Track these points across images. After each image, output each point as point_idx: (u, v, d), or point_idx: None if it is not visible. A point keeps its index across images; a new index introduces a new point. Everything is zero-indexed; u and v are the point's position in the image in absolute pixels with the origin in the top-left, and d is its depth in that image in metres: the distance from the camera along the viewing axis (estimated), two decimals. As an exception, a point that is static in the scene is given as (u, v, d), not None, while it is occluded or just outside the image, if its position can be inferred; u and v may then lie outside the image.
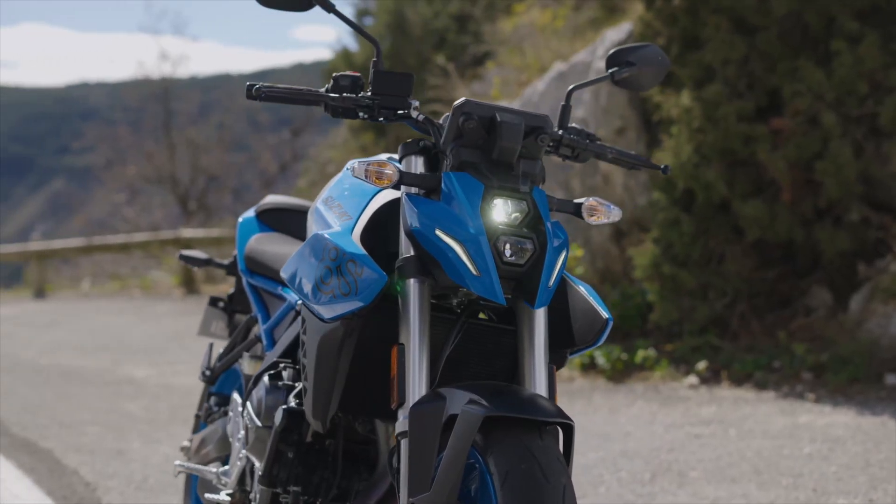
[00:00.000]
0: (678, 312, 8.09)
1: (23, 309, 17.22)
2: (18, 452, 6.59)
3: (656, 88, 8.38)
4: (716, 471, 5.49)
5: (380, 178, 2.75)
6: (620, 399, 7.42)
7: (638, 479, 5.44)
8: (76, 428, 7.33)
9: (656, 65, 3.27)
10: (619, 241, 8.91)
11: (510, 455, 2.48)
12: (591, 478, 5.51)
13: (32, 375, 9.95)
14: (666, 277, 8.07)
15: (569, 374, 8.24)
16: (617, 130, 8.84)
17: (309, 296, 2.84)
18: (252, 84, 2.90)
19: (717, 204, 7.96)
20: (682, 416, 6.78)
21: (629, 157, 3.17)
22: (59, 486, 5.75)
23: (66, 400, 8.49)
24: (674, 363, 7.93)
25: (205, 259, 4.47)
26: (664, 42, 8.34)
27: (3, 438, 7.05)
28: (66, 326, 14.36)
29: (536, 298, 2.66)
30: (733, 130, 7.69)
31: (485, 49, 12.13)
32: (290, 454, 3.14)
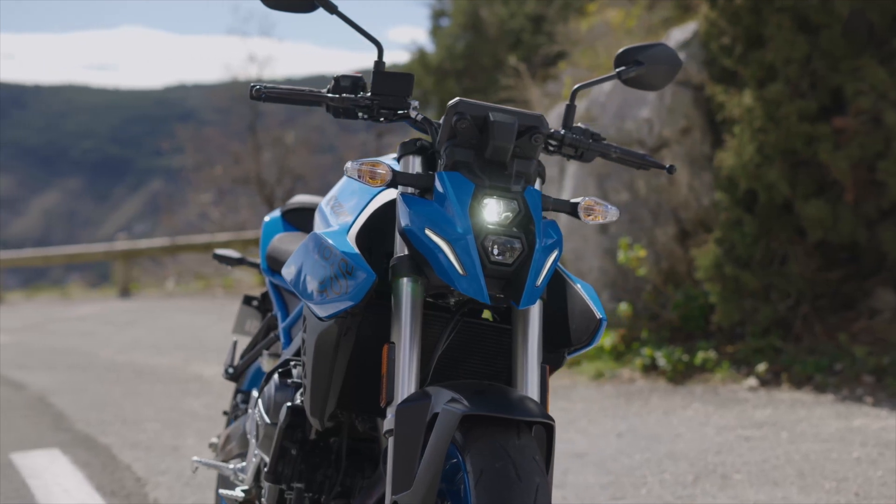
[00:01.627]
0: (740, 314, 8.01)
1: (107, 308, 17.54)
2: (77, 448, 6.73)
3: (720, 87, 8.31)
4: (760, 474, 5.43)
5: (373, 177, 2.77)
6: (678, 401, 7.37)
7: (680, 481, 5.41)
8: (137, 424, 7.45)
9: (667, 64, 3.24)
10: (683, 241, 8.84)
11: (485, 454, 2.48)
12: (633, 479, 5.49)
13: (106, 373, 10.13)
14: (728, 278, 8.00)
15: (630, 375, 8.21)
16: (682, 130, 8.77)
17: (306, 294, 2.87)
18: (254, 84, 2.93)
19: (779, 204, 7.87)
20: (736, 418, 6.71)
21: (634, 157, 3.15)
22: (109, 482, 5.85)
23: (132, 397, 8.63)
24: (735, 365, 7.85)
25: (238, 258, 4.53)
26: (729, 41, 8.26)
27: (65, 434, 7.20)
28: (146, 325, 14.60)
29: (521, 298, 2.66)
30: (795, 130, 7.60)
31: (558, 49, 12.10)
32: (294, 451, 3.18)
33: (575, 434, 6.60)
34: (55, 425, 7.50)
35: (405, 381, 2.71)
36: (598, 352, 8.66)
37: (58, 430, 7.31)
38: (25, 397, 8.77)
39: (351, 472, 3.19)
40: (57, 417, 7.80)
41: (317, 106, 2.98)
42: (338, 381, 2.91)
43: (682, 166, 8.75)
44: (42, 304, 19.61)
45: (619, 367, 8.39)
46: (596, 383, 8.21)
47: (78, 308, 17.89)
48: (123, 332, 13.67)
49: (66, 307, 18.29)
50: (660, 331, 8.53)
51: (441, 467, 2.50)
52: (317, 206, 4.11)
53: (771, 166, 7.72)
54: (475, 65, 13.82)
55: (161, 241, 21.06)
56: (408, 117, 2.94)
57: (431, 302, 2.89)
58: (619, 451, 6.07)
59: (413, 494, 2.52)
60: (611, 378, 8.25)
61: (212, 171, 26.61)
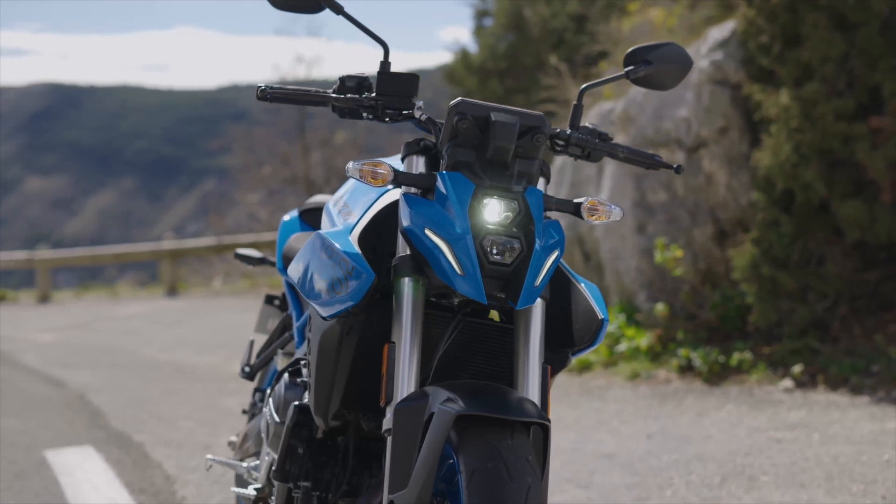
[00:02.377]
0: (777, 314, 7.95)
1: (154, 306, 17.69)
2: (111, 445, 6.79)
3: (757, 86, 8.26)
4: (787, 476, 5.39)
5: (374, 177, 2.77)
6: (712, 402, 7.33)
7: (707, 482, 5.38)
8: (172, 422, 7.51)
9: (677, 63, 3.23)
10: (721, 241, 8.78)
11: (478, 454, 2.48)
12: (660, 480, 5.47)
13: (146, 371, 10.22)
14: (765, 279, 7.94)
15: (666, 375, 8.17)
16: (720, 130, 8.72)
17: (309, 293, 2.89)
18: (261, 86, 2.96)
19: (816, 204, 7.81)
20: (769, 420, 6.67)
21: (641, 156, 3.15)
22: (139, 479, 5.90)
23: (170, 395, 8.70)
24: (771, 366, 7.80)
25: (259, 257, 4.55)
26: (766, 40, 8.21)
27: (100, 431, 7.27)
28: (191, 324, 14.70)
29: (519, 298, 2.66)
30: (832, 129, 7.54)
31: (599, 49, 12.07)
32: (301, 450, 3.19)
33: (606, 435, 6.58)
34: (91, 423, 7.58)
35: (404, 380, 2.71)
36: (635, 352, 8.63)
37: (93, 428, 7.38)
38: (65, 395, 8.86)
39: (358, 470, 3.19)
40: (94, 415, 7.88)
41: (322, 106, 2.99)
42: (341, 381, 2.92)
43: (720, 166, 8.70)
44: (90, 302, 19.81)
45: (655, 368, 8.35)
46: (632, 384, 8.18)
47: (125, 307, 18.06)
48: (168, 331, 13.78)
49: (114, 306, 18.47)
50: (697, 331, 8.49)
51: (435, 467, 2.50)
52: None
53: (807, 166, 7.66)
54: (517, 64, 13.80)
55: (207, 241, 21.21)
56: (412, 117, 2.95)
57: (434, 302, 2.89)
58: (648, 452, 6.05)
59: (408, 494, 2.53)
60: (646, 379, 8.21)
61: (260, 172, 26.72)
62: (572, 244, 10.17)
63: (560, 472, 5.72)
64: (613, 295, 9.55)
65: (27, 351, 12.08)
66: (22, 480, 5.88)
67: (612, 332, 9.02)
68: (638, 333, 8.79)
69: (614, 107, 9.89)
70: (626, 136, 9.37)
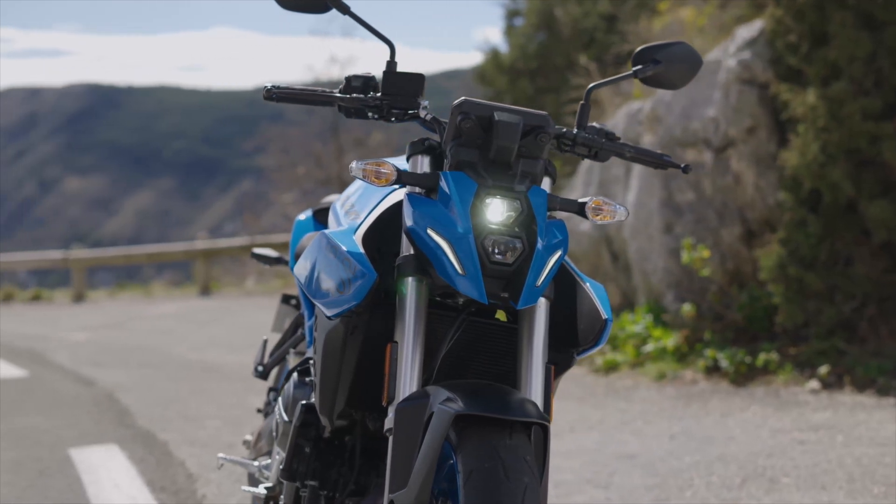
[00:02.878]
0: (804, 315, 7.91)
1: (186, 306, 17.78)
2: (135, 444, 6.82)
3: (785, 86, 8.21)
4: (809, 478, 5.36)
5: (378, 176, 2.77)
6: (737, 403, 7.30)
7: (727, 483, 5.36)
8: (198, 421, 7.54)
9: (686, 62, 3.23)
10: (749, 241, 8.74)
11: (476, 454, 2.48)
12: (680, 481, 5.45)
13: (176, 370, 10.27)
14: (791, 279, 7.90)
15: (692, 376, 8.14)
16: (748, 129, 8.68)
17: (313, 292, 2.90)
18: (267, 86, 2.97)
19: (843, 204, 7.76)
20: (794, 421, 6.63)
21: (648, 155, 3.13)
22: (161, 478, 5.93)
23: (198, 394, 8.74)
24: (798, 367, 7.75)
25: (276, 257, 4.57)
26: (794, 39, 8.16)
27: (126, 430, 7.31)
28: (222, 323, 14.76)
29: (520, 298, 2.65)
30: (859, 129, 7.49)
31: (629, 48, 12.02)
32: (308, 449, 3.20)
33: (629, 435, 6.56)
34: (118, 421, 7.62)
35: (406, 380, 2.71)
36: (661, 353, 8.61)
37: (120, 426, 7.42)
38: (94, 393, 8.91)
39: (365, 470, 3.19)
40: (121, 413, 7.92)
41: (329, 105, 3.00)
42: (346, 380, 2.93)
43: (748, 166, 8.66)
44: (124, 302, 19.92)
45: (681, 369, 8.32)
46: (658, 384, 8.15)
47: (158, 306, 18.15)
48: (199, 330, 13.84)
49: (147, 305, 18.57)
50: (724, 332, 8.45)
51: (434, 466, 2.50)
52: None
53: (835, 166, 7.62)
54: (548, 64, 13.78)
55: (240, 241, 21.27)
56: (417, 117, 2.95)
57: (440, 301, 2.89)
58: (670, 452, 6.03)
59: (408, 493, 2.53)
60: (673, 379, 8.19)
61: (295, 172, 26.80)
62: (600, 244, 10.15)
63: (580, 473, 5.71)
64: (641, 295, 9.52)
65: (59, 350, 12.15)
66: (46, 478, 5.92)
67: (639, 332, 9.00)
68: (665, 334, 8.75)
69: (643, 107, 9.86)
70: (654, 136, 9.35)
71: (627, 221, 9.54)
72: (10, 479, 5.92)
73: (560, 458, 6.07)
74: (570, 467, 5.85)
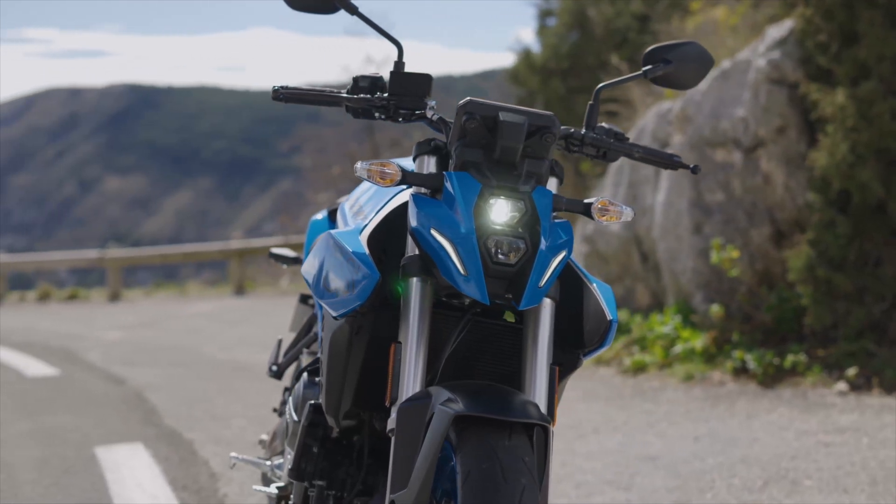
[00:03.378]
0: (832, 317, 7.85)
1: (220, 305, 17.85)
2: (161, 442, 6.85)
3: (814, 86, 8.16)
4: (831, 480, 5.32)
5: (382, 177, 2.77)
6: (764, 404, 7.25)
7: (749, 486, 5.33)
8: (224, 420, 7.57)
9: (696, 62, 3.21)
10: (778, 242, 8.69)
11: (474, 455, 2.47)
12: (701, 483, 5.42)
13: (206, 369, 10.31)
14: (820, 280, 7.85)
15: (720, 377, 8.09)
16: (777, 129, 8.62)
17: (320, 293, 2.91)
18: (275, 87, 2.99)
19: (873, 205, 7.70)
20: (820, 423, 6.58)
21: (658, 156, 3.12)
22: (184, 476, 5.96)
23: (226, 394, 8.77)
24: (826, 369, 7.69)
25: (294, 257, 4.57)
26: (824, 38, 8.11)
27: (152, 429, 7.34)
28: (255, 323, 14.81)
29: (522, 298, 2.64)
30: (888, 129, 7.43)
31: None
32: (315, 449, 3.21)
33: (653, 437, 6.53)
34: (145, 420, 7.66)
35: (410, 380, 2.71)
36: (689, 354, 8.56)
37: (146, 425, 7.46)
38: (123, 392, 8.96)
39: (373, 470, 3.19)
40: (149, 412, 7.96)
41: (336, 106, 3.01)
42: (352, 380, 2.93)
43: (778, 166, 8.60)
44: (159, 301, 20.04)
45: (709, 370, 8.27)
46: (685, 386, 8.11)
47: (193, 306, 18.24)
48: (231, 330, 13.89)
49: (182, 305, 18.66)
50: (752, 333, 8.39)
51: (434, 467, 2.50)
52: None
53: (864, 166, 7.56)
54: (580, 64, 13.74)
55: (275, 241, 21.32)
56: (424, 117, 2.95)
57: (446, 301, 2.88)
58: (693, 454, 6.00)
59: (408, 494, 2.53)
60: (701, 381, 8.14)
61: (330, 172, 26.87)
62: (629, 244, 10.12)
63: (601, 474, 5.69)
64: (670, 296, 9.48)
65: (92, 349, 12.23)
66: (70, 477, 5.96)
67: (667, 333, 8.96)
68: (693, 335, 8.71)
69: (672, 106, 9.83)
70: (684, 136, 9.30)
71: (657, 221, 9.51)
72: (34, 477, 5.96)
73: (582, 458, 6.05)
74: (591, 468, 5.84)
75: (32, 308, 20.01)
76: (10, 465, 6.29)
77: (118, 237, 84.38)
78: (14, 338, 13.85)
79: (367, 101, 2.94)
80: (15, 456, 6.52)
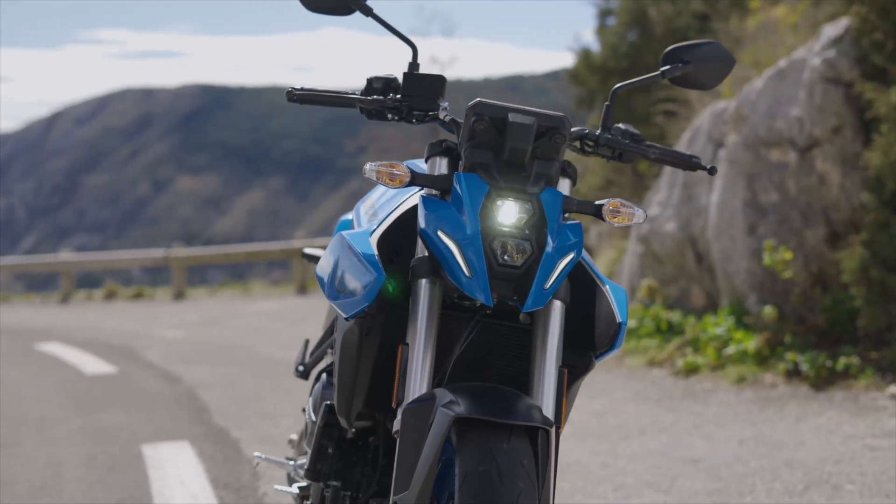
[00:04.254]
0: (886, 319, 7.74)
1: (282, 304, 17.96)
2: (207, 441, 6.90)
3: (870, 85, 8.05)
4: (874, 485, 5.25)
5: (392, 178, 2.78)
6: (814, 407, 7.16)
7: (790, 489, 5.27)
8: (273, 419, 7.61)
9: (717, 62, 3.18)
10: (833, 243, 8.58)
11: (472, 457, 2.47)
12: (742, 486, 5.37)
13: (261, 368, 10.38)
14: (874, 282, 7.73)
15: (772, 380, 8.01)
16: (833, 129, 8.52)
17: (330, 293, 2.92)
18: (289, 89, 3.01)
19: (928, 206, 7.58)
20: (868, 427, 6.49)
21: (674, 157, 3.10)
22: (226, 475, 6.00)
23: (278, 392, 8.81)
24: (879, 371, 7.58)
25: None
26: (880, 37, 8.00)
27: (201, 427, 7.40)
28: (314, 322, 14.79)
29: (526, 300, 2.63)
30: (943, 128, 7.32)
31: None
32: (331, 449, 3.22)
33: (698, 439, 6.48)
34: (195, 418, 7.72)
35: (416, 381, 2.71)
36: (742, 355, 8.48)
37: (195, 423, 7.52)
38: (177, 391, 9.04)
39: (388, 471, 3.19)
40: (199, 411, 8.02)
41: (350, 107, 3.02)
42: (363, 382, 2.94)
43: (833, 166, 8.50)
44: (223, 300, 20.20)
45: (761, 372, 8.18)
46: (737, 388, 8.03)
47: (255, 304, 18.37)
48: (290, 329, 13.96)
49: (245, 304, 18.80)
50: (806, 335, 8.30)
51: (434, 469, 2.50)
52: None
53: (918, 166, 7.45)
54: (640, 63, 13.67)
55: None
56: (437, 118, 2.95)
57: (458, 303, 2.88)
58: (737, 457, 5.94)
59: (409, 495, 2.53)
60: (752, 383, 8.06)
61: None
62: (684, 245, 10.04)
63: (642, 476, 5.65)
64: (724, 297, 9.40)
65: (152, 347, 12.36)
66: (115, 474, 6.02)
67: (720, 334, 8.88)
68: (746, 336, 8.63)
69: (727, 106, 9.74)
70: (738, 136, 9.22)
71: (711, 222, 9.43)
72: (80, 474, 6.04)
73: (625, 460, 6.02)
74: (633, 470, 5.80)
75: (98, 306, 20.26)
76: (59, 462, 6.38)
77: (190, 236, 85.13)
78: (78, 336, 14.04)
79: (380, 103, 2.95)
80: (64, 453, 6.61)
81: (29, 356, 11.93)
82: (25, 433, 7.33)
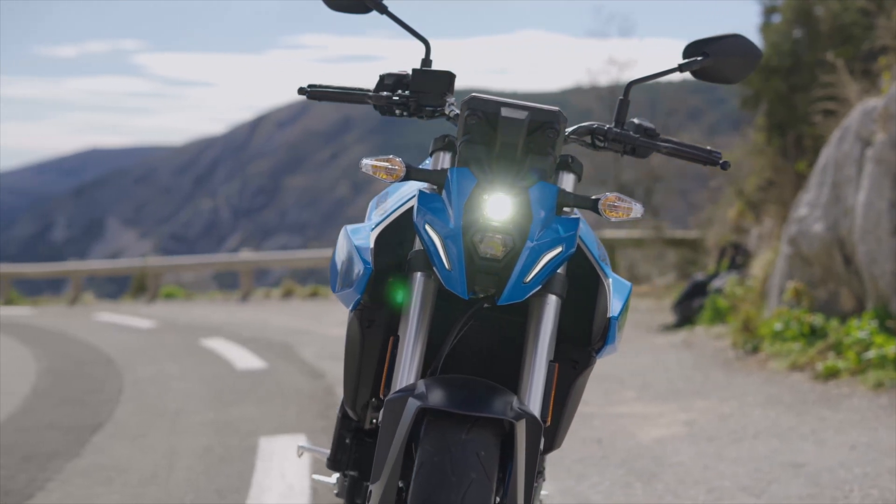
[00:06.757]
0: None
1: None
2: (323, 434, 7.01)
3: None
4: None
5: (388, 173, 2.83)
6: (945, 414, 6.93)
7: (886, 497, 5.13)
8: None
9: (740, 55, 3.11)
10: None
11: (429, 448, 2.49)
12: (837, 493, 5.27)
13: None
14: None
15: None
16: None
17: (333, 286, 2.98)
18: (301, 87, 3.09)
19: None
20: None
21: (689, 151, 3.04)
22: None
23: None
24: None
25: None
26: None
27: (324, 421, 7.52)
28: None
29: (502, 293, 2.64)
30: None
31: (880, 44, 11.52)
32: (348, 440, 3.27)
33: (810, 445, 6.32)
34: (321, 413, 7.86)
35: (405, 373, 2.75)
36: (882, 360, 8.22)
37: (319, 418, 7.66)
38: (316, 386, 9.22)
39: (404, 461, 3.23)
40: (330, 406, 8.16)
41: (362, 103, 3.08)
42: (368, 373, 2.99)
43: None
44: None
45: (902, 378, 7.93)
46: (874, 394, 7.79)
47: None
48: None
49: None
50: (954, 340, 8.01)
51: (400, 459, 2.53)
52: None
53: None
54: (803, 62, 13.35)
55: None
56: (444, 114, 2.99)
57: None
58: (841, 463, 5.78)
59: (378, 485, 2.57)
60: (890, 388, 7.80)
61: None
62: (832, 246, 9.78)
63: (739, 480, 5.56)
64: (870, 300, 9.13)
65: (310, 344, 12.60)
66: (224, 464, 6.20)
67: (862, 338, 8.63)
68: (887, 341, 8.37)
69: (877, 104, 9.46)
70: (887, 135, 8.95)
71: (857, 223, 9.17)
72: (191, 463, 6.23)
73: (727, 464, 5.93)
74: (732, 473, 5.71)
75: (275, 304, 20.75)
76: (176, 452, 6.59)
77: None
78: (245, 332, 14.42)
79: (387, 99, 3.00)
80: (184, 444, 6.82)
81: (192, 352, 12.31)
82: (157, 424, 7.59)
